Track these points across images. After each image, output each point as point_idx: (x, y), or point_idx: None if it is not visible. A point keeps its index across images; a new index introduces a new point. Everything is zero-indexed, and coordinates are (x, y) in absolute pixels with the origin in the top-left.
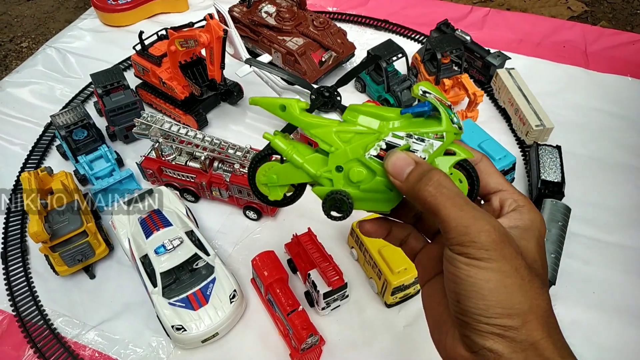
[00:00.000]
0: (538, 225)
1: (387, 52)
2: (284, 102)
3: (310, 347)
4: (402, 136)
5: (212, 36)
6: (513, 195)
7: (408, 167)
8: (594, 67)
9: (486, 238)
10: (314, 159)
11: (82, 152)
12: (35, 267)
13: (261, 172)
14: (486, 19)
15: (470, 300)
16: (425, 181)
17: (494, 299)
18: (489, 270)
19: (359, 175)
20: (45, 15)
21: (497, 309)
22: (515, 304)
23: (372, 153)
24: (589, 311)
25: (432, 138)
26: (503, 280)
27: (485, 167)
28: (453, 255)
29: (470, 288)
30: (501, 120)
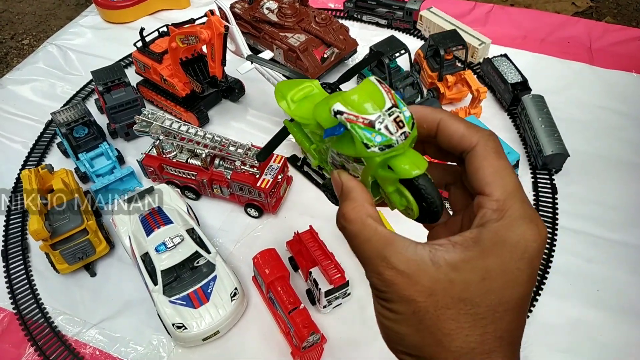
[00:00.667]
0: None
1: (390, 48)
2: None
3: (311, 346)
4: (336, 153)
5: (213, 32)
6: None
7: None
8: (599, 63)
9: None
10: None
11: (83, 150)
12: (36, 265)
13: None
14: (490, 15)
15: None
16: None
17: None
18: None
19: None
20: (46, 12)
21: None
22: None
23: (329, 160)
24: (593, 310)
25: (351, 161)
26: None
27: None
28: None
29: (379, 323)
30: (505, 117)
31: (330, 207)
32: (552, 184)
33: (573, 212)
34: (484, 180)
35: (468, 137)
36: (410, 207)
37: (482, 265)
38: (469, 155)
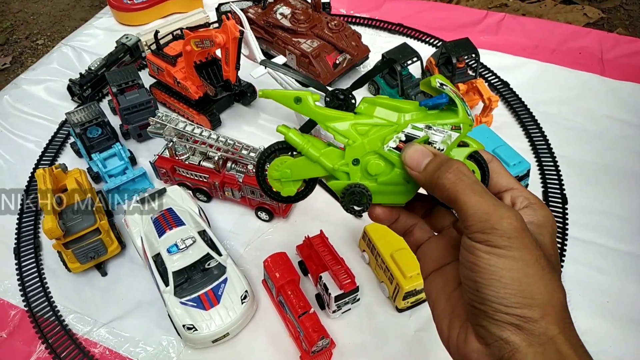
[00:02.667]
0: (550, 222)
1: (402, 55)
2: (298, 95)
3: (320, 350)
4: (421, 128)
5: (228, 37)
6: (524, 193)
7: (426, 158)
8: (610, 74)
9: (508, 225)
10: (330, 152)
11: (96, 150)
12: (48, 263)
13: (273, 167)
14: (501, 24)
15: (490, 289)
16: (444, 169)
17: (515, 288)
18: (510, 259)
19: (377, 168)
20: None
21: (517, 298)
22: (536, 294)
23: (391, 145)
24: (603, 321)
25: (449, 129)
26: (524, 269)
27: (496, 167)
28: (472, 243)
29: (490, 276)
30: (516, 126)
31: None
32: (563, 194)
33: (583, 223)
34: (510, 180)
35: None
36: None
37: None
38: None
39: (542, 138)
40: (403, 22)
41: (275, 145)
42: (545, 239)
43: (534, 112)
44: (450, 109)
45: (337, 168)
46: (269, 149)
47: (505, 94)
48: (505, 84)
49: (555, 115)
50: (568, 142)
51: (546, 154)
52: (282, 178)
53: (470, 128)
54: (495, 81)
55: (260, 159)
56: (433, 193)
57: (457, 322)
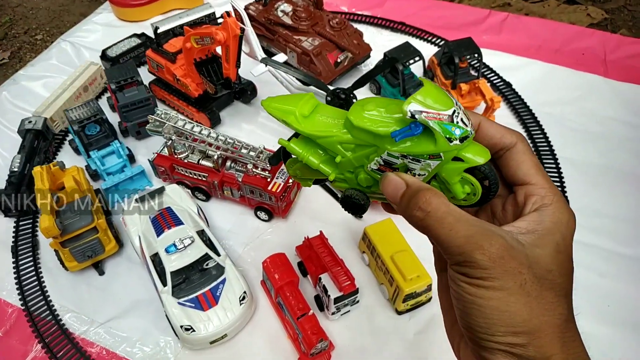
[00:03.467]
0: (562, 227)
1: (404, 54)
2: (284, 118)
3: (319, 352)
4: (397, 156)
5: (228, 34)
6: (540, 190)
7: (399, 190)
8: (613, 75)
9: (481, 257)
10: (330, 160)
11: (94, 148)
12: (45, 262)
13: (289, 166)
14: (504, 23)
15: (473, 319)
16: (413, 204)
17: (496, 318)
18: (489, 289)
19: (367, 181)
20: (60, 8)
21: (500, 328)
22: (519, 322)
23: (372, 167)
24: (604, 325)
25: (426, 159)
26: (505, 298)
27: (517, 154)
28: (454, 274)
29: (471, 305)
30: (518, 127)
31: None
32: (564, 196)
33: (585, 225)
34: (529, 171)
35: (509, 137)
36: (473, 192)
37: (553, 241)
38: (510, 152)
39: (545, 139)
40: (405, 20)
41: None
42: (544, 251)
43: (537, 113)
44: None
45: (333, 178)
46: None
47: (508, 95)
48: (507, 84)
49: (558, 116)
50: (570, 143)
51: (548, 155)
52: (297, 176)
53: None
54: (498, 81)
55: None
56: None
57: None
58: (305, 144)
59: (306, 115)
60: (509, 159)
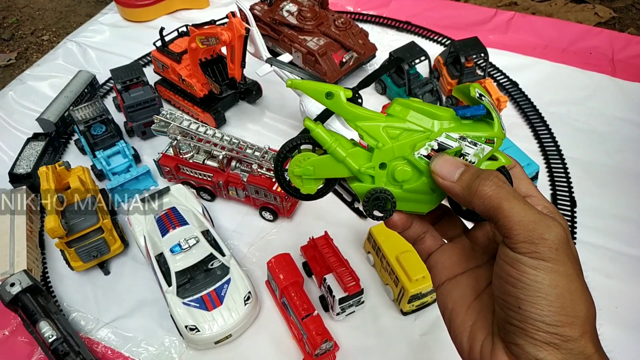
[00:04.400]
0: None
1: (410, 54)
2: (331, 89)
3: (324, 353)
4: (455, 138)
5: (234, 34)
6: (542, 201)
7: (459, 169)
8: (621, 75)
9: (556, 236)
10: (356, 153)
11: (100, 148)
12: (51, 262)
13: (295, 163)
14: (511, 22)
15: (535, 306)
16: (483, 178)
17: (560, 305)
18: (557, 274)
19: (405, 175)
20: (66, 8)
21: (560, 317)
22: (578, 311)
23: (422, 152)
24: (611, 326)
25: (483, 142)
26: (569, 285)
27: (518, 173)
28: (517, 256)
29: (536, 293)
30: (525, 127)
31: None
32: (572, 196)
33: (592, 226)
34: (529, 187)
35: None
36: None
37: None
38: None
39: (551, 139)
40: (411, 20)
41: (297, 139)
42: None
43: (543, 113)
44: (485, 121)
45: (363, 171)
46: (291, 143)
47: (514, 95)
48: (514, 84)
49: (565, 116)
50: (578, 143)
51: (555, 155)
52: (303, 175)
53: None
54: (504, 81)
55: (281, 153)
56: (469, 203)
57: (479, 335)
58: (331, 132)
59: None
60: (513, 176)
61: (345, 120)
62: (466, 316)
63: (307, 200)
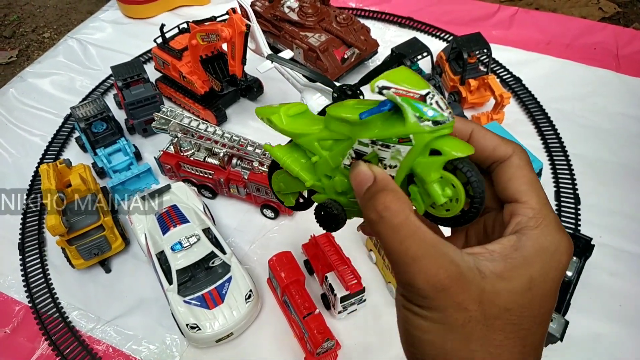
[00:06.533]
0: (544, 258)
1: (412, 50)
2: (269, 117)
3: (325, 352)
4: (366, 143)
5: (234, 31)
6: (528, 210)
7: (366, 184)
8: (626, 70)
9: (424, 284)
10: (310, 167)
11: (101, 145)
12: (52, 259)
13: (273, 181)
14: (514, 18)
15: (410, 346)
16: (371, 204)
17: (431, 354)
18: (427, 320)
19: (343, 185)
20: (67, 6)
21: None
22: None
23: (345, 162)
24: (614, 325)
25: (396, 143)
26: (443, 334)
27: (510, 168)
28: (397, 294)
29: (410, 333)
30: (528, 124)
31: None
32: (575, 194)
33: (596, 223)
34: (519, 188)
35: (503, 148)
36: (456, 197)
37: (526, 273)
38: (503, 165)
39: (555, 136)
40: (413, 15)
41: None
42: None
43: (547, 109)
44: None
45: (311, 184)
46: (272, 164)
47: (518, 91)
48: (517, 80)
49: (569, 112)
50: (582, 140)
51: (559, 152)
52: (280, 191)
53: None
54: (508, 77)
55: (269, 171)
56: None
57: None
58: (290, 151)
59: (290, 115)
60: (501, 172)
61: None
62: None
63: (297, 210)
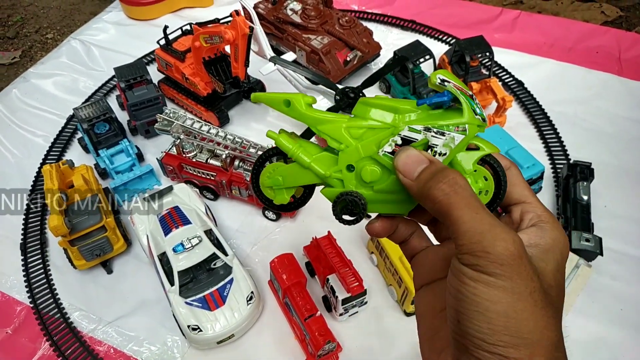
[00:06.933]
0: (561, 246)
1: (415, 53)
2: (288, 97)
3: (326, 354)
4: (419, 130)
5: (237, 33)
6: (537, 209)
7: (420, 165)
8: (628, 74)
9: (502, 250)
10: (323, 158)
11: (103, 146)
12: (54, 260)
13: (265, 174)
14: (516, 21)
15: (473, 322)
16: (438, 179)
17: (501, 324)
18: (499, 290)
19: (373, 175)
20: (71, 7)
21: (502, 336)
22: (525, 333)
23: (386, 149)
24: (616, 328)
25: (452, 131)
26: (514, 303)
27: (512, 176)
28: (460, 266)
29: (474, 308)
30: (530, 127)
31: None
32: None
33: (598, 227)
34: (524, 192)
35: (504, 160)
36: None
37: (554, 258)
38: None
39: (557, 140)
40: (415, 18)
41: (269, 151)
42: (548, 266)
43: (549, 112)
44: (456, 109)
45: (329, 175)
46: (263, 155)
47: (520, 94)
48: (519, 83)
49: (571, 116)
50: (584, 143)
51: (561, 155)
52: (274, 185)
53: (481, 129)
54: (510, 80)
55: (255, 166)
56: (424, 205)
57: (437, 346)
58: (297, 141)
59: (310, 104)
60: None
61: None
62: (430, 326)
63: (283, 210)
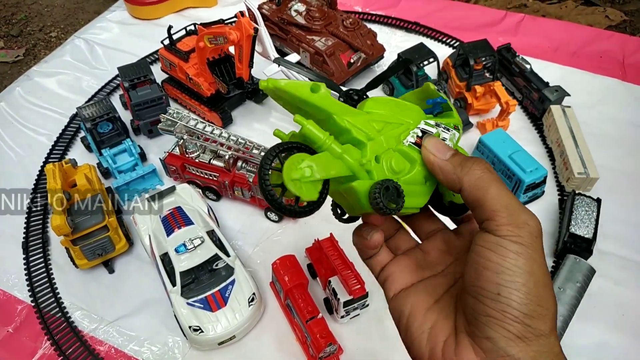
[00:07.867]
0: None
1: (418, 56)
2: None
3: (328, 356)
4: (433, 124)
5: (242, 34)
6: None
7: (449, 150)
8: (632, 79)
9: (535, 224)
10: (349, 149)
11: (106, 145)
12: (56, 259)
13: (290, 167)
14: (520, 25)
15: (514, 293)
16: (474, 161)
17: (536, 294)
18: (533, 262)
19: (398, 164)
20: (75, 5)
21: (536, 307)
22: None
23: (410, 140)
24: (619, 334)
25: (452, 129)
26: (543, 276)
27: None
28: (498, 239)
29: (515, 279)
30: (532, 131)
31: None
32: None
33: (601, 232)
34: None
35: None
36: None
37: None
38: None
39: None
40: (420, 21)
41: (279, 146)
42: None
43: None
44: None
45: (364, 162)
46: (281, 145)
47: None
48: None
49: None
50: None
51: None
52: (302, 178)
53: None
54: None
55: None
56: (458, 182)
57: (441, 335)
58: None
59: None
60: None
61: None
62: (425, 319)
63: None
